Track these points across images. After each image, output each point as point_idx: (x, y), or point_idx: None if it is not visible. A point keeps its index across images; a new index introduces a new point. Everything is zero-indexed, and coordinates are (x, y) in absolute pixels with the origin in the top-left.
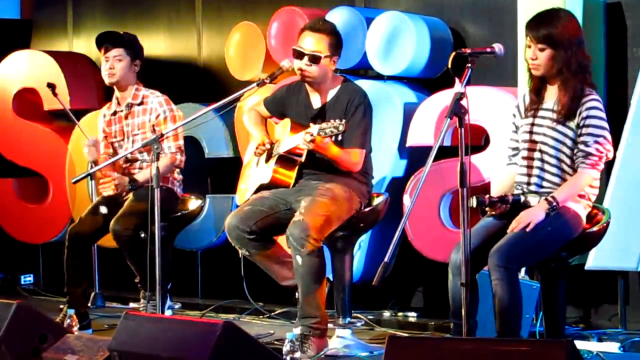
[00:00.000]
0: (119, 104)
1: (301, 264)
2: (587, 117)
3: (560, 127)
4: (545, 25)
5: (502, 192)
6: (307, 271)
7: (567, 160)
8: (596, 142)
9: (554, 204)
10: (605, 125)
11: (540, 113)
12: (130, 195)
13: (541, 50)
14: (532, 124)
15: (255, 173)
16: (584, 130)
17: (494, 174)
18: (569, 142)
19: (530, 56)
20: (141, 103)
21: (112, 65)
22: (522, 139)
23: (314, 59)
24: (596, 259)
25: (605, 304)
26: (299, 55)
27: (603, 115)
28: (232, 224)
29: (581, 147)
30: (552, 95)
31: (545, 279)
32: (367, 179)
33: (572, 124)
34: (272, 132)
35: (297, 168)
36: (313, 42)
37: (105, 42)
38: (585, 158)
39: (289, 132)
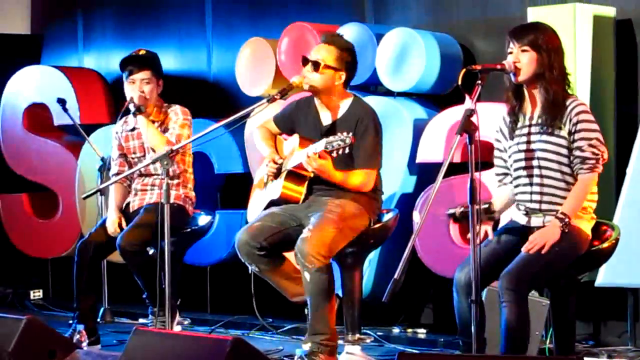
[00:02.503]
0: None
1: (309, 281)
2: (578, 122)
3: (551, 138)
4: (529, 30)
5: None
6: (316, 288)
7: (568, 170)
8: (590, 145)
9: (566, 219)
10: (596, 127)
11: (525, 130)
12: (140, 211)
13: (523, 51)
14: (524, 142)
15: (265, 189)
16: (577, 136)
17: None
18: (564, 151)
19: (512, 60)
20: (164, 120)
21: (142, 89)
22: (515, 158)
23: (315, 66)
24: (606, 276)
25: (615, 320)
26: (304, 62)
27: (592, 117)
28: (242, 240)
29: (577, 153)
30: (530, 108)
31: (555, 296)
32: (377, 195)
33: (563, 132)
34: (281, 149)
35: (306, 183)
36: (319, 51)
37: (130, 65)
38: (583, 163)
39: (297, 148)
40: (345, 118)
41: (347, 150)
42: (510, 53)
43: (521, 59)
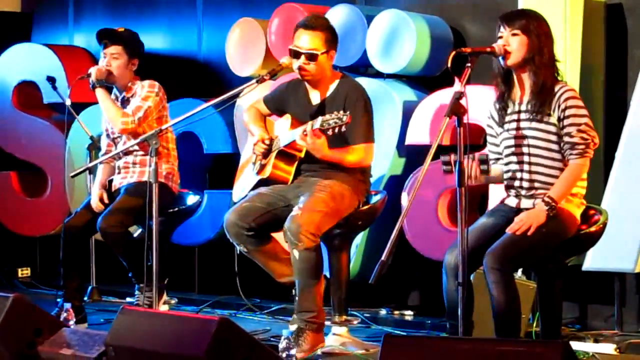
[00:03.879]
0: (117, 99)
1: (298, 259)
2: (566, 108)
3: (539, 124)
4: (520, 15)
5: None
6: (305, 266)
7: (557, 155)
8: (579, 130)
9: (552, 203)
10: (585, 112)
11: (515, 116)
12: (121, 191)
13: (514, 35)
14: (514, 129)
15: (254, 169)
16: (566, 122)
17: None
18: (553, 137)
19: (502, 43)
20: (133, 96)
21: (109, 62)
22: (506, 145)
23: (312, 57)
24: (593, 260)
25: (601, 305)
26: (295, 54)
27: (580, 103)
28: (230, 221)
29: (566, 139)
30: (520, 95)
31: (542, 280)
32: (365, 177)
33: (553, 119)
34: (271, 130)
35: (296, 163)
36: (308, 40)
37: (104, 38)
38: (572, 149)
39: (288, 128)
40: (334, 96)
41: (343, 129)
42: (500, 37)
43: (511, 43)
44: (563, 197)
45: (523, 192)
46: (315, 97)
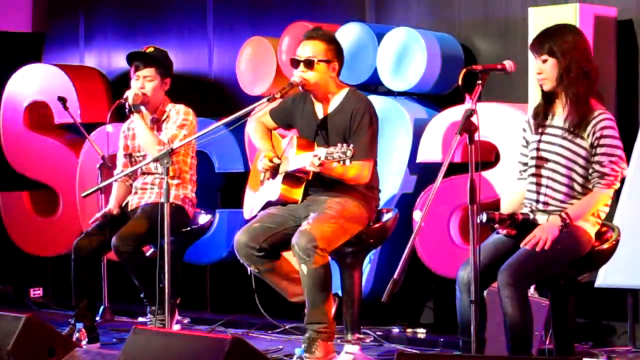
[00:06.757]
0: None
1: (307, 274)
2: (601, 137)
3: (570, 145)
4: (546, 38)
5: (512, 208)
6: (313, 281)
7: (579, 179)
8: (611, 162)
9: (567, 220)
10: (619, 143)
11: (550, 130)
12: (137, 211)
13: (544, 61)
14: (541, 141)
15: (263, 189)
16: (599, 150)
17: (505, 189)
18: (581, 161)
19: (536, 72)
20: (166, 119)
21: (143, 85)
22: (531, 155)
23: (308, 64)
24: (606, 277)
25: (614, 321)
26: (295, 64)
27: (616, 133)
28: (241, 242)
29: (596, 167)
30: (560, 111)
31: (554, 296)
32: (374, 192)
33: (585, 143)
34: (277, 145)
35: (304, 185)
36: (306, 48)
37: (135, 60)
38: (601, 178)
39: (295, 149)
40: (340, 110)
41: (347, 163)
42: (536, 64)
43: (544, 70)
44: (579, 218)
45: (539, 207)
46: (320, 110)
